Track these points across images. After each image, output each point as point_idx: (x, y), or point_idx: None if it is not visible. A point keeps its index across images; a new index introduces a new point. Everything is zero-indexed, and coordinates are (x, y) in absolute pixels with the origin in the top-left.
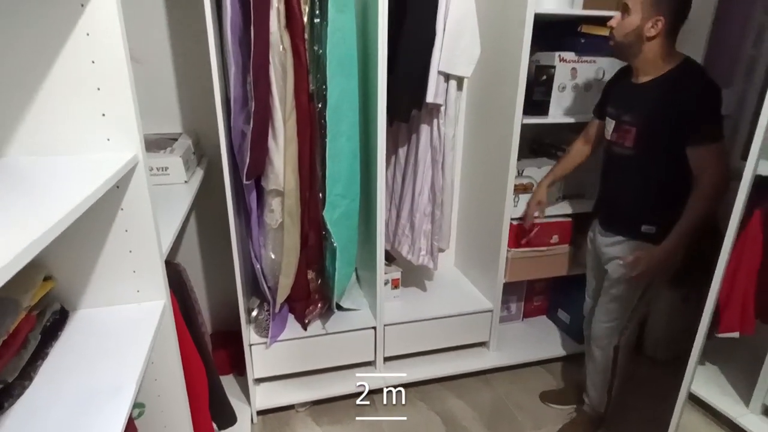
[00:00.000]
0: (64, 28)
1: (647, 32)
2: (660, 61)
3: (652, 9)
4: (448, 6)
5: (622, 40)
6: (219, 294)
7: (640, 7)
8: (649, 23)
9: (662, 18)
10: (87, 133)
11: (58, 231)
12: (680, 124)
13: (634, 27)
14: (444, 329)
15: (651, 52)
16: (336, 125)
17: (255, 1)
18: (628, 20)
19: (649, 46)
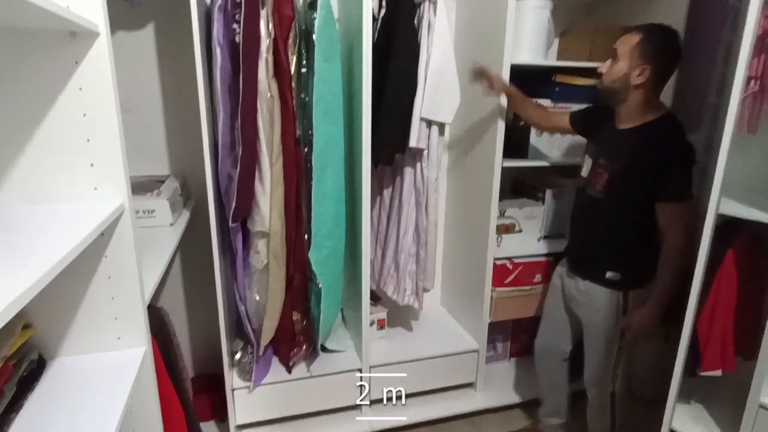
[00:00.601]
0: (58, 83)
1: (634, 80)
2: (643, 110)
3: (640, 58)
4: (429, 57)
5: (609, 85)
6: (202, 336)
7: (629, 55)
8: (637, 71)
9: (649, 67)
10: (75, 183)
11: (42, 285)
12: (651, 177)
13: (621, 74)
14: (430, 370)
15: (635, 101)
16: (322, 169)
17: (244, 52)
18: (617, 67)
19: (635, 94)
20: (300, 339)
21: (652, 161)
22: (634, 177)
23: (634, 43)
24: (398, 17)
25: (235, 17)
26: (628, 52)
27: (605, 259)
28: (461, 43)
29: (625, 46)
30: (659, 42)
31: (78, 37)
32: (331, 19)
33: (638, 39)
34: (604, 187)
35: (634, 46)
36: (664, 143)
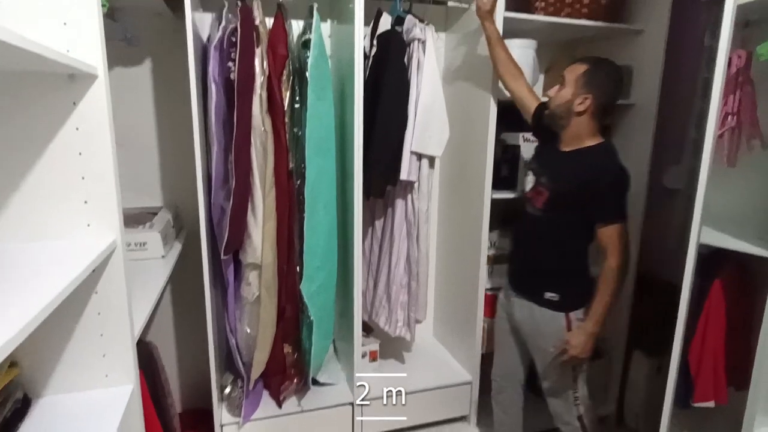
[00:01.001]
0: (55, 123)
1: (576, 107)
2: (583, 136)
3: (583, 87)
4: (419, 94)
5: (555, 109)
6: (191, 370)
7: (574, 83)
8: (579, 99)
9: (591, 97)
10: (69, 219)
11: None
12: (587, 199)
13: (565, 100)
14: (423, 403)
15: (577, 127)
16: (314, 201)
17: (239, 88)
18: (562, 93)
19: (577, 121)
20: (291, 372)
21: (589, 184)
22: (572, 198)
23: (580, 72)
24: (388, 56)
25: (231, 55)
26: (574, 80)
27: (544, 279)
28: (450, 80)
29: (572, 74)
30: (602, 74)
31: (77, 79)
32: (324, 57)
33: (584, 69)
34: (543, 205)
35: (579, 75)
36: (601, 168)
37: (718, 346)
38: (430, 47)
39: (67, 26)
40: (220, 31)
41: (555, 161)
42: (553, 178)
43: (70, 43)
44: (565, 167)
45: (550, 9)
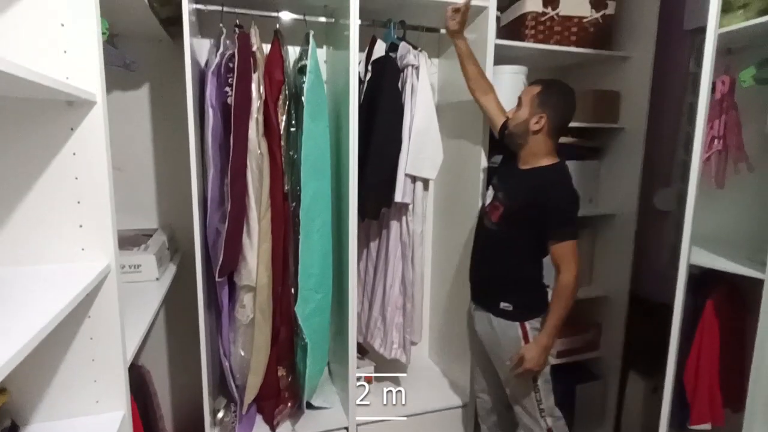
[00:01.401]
0: (52, 148)
1: (532, 127)
2: (540, 155)
3: (537, 107)
4: (413, 118)
5: (513, 129)
6: (184, 394)
7: (530, 103)
8: (534, 119)
9: (545, 116)
10: (63, 244)
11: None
12: (540, 216)
13: (522, 120)
14: (419, 427)
15: (534, 146)
16: (309, 223)
17: (236, 112)
18: (519, 113)
19: (534, 139)
20: (285, 395)
21: (540, 202)
22: (524, 214)
23: (535, 93)
24: (383, 80)
25: (228, 80)
26: (529, 101)
27: (499, 290)
28: (443, 105)
29: (527, 95)
30: (555, 95)
31: (75, 106)
32: (320, 82)
33: (538, 90)
34: (498, 219)
35: (534, 96)
36: (551, 188)
37: (713, 366)
38: (424, 72)
39: (68, 54)
40: (218, 57)
41: (512, 178)
42: (508, 195)
43: (70, 70)
44: (520, 184)
45: (540, 36)
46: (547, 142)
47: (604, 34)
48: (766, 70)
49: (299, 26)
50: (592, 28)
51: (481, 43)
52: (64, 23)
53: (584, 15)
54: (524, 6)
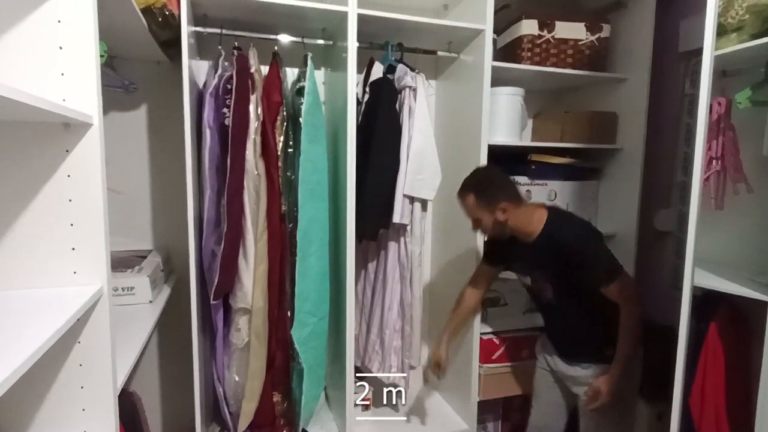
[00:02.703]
0: (47, 170)
1: (502, 219)
2: (531, 225)
3: (488, 206)
4: (410, 139)
5: (492, 234)
6: (176, 420)
7: (479, 211)
8: (496, 213)
9: (500, 204)
10: (54, 267)
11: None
12: (577, 272)
13: (491, 225)
14: None
15: (518, 225)
16: (306, 246)
17: (234, 134)
18: (483, 225)
19: (512, 222)
20: (280, 422)
21: (568, 260)
22: (569, 278)
23: (473, 202)
24: (380, 102)
25: (226, 102)
26: (477, 211)
27: (588, 345)
28: (441, 125)
29: (471, 209)
30: (486, 184)
31: (71, 128)
32: (318, 103)
33: (475, 198)
34: (553, 294)
35: (474, 204)
36: (566, 242)
37: (719, 391)
38: (421, 94)
39: (65, 76)
40: (216, 78)
41: (532, 255)
42: (544, 271)
43: (67, 92)
44: (542, 258)
45: (536, 59)
46: (522, 212)
47: (599, 57)
48: (761, 92)
49: (297, 49)
50: (588, 51)
51: (478, 65)
52: (62, 46)
53: (580, 38)
54: (520, 29)
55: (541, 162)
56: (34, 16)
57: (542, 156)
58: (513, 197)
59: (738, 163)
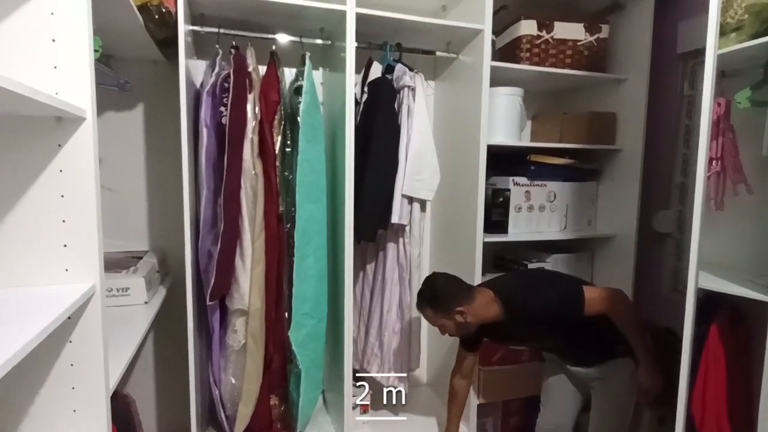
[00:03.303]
0: (38, 164)
1: (463, 320)
2: (490, 311)
3: (446, 314)
4: (409, 139)
5: (458, 335)
6: (171, 424)
7: (440, 320)
8: (457, 317)
9: (456, 308)
10: (45, 265)
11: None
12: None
13: (455, 330)
14: None
15: (480, 318)
16: (303, 247)
17: (230, 133)
18: (450, 330)
19: (473, 318)
20: (277, 426)
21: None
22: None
23: (432, 314)
24: (379, 102)
25: (223, 100)
26: (438, 320)
27: (598, 351)
28: (440, 125)
29: (432, 320)
30: (439, 295)
31: (64, 122)
32: (316, 103)
33: (431, 309)
34: (552, 342)
35: (433, 315)
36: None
37: (720, 394)
38: (420, 94)
39: (58, 69)
40: (213, 77)
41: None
42: (531, 334)
43: (60, 85)
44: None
45: (535, 59)
46: (478, 305)
47: (598, 57)
48: (761, 92)
49: (296, 48)
50: (587, 51)
51: (477, 66)
52: (55, 38)
53: (578, 38)
54: (519, 29)
55: (540, 162)
56: (27, 7)
57: (541, 156)
58: (465, 298)
59: (738, 163)
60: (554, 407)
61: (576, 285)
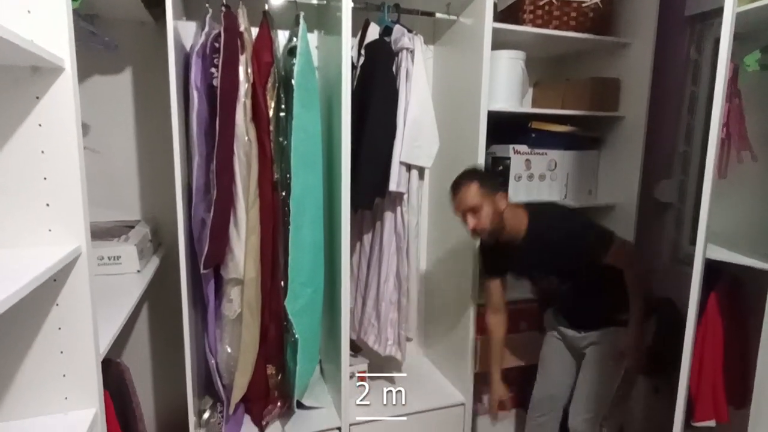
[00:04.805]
0: (15, 118)
1: (501, 206)
2: (518, 222)
3: (489, 193)
4: (407, 104)
5: (490, 230)
6: (168, 394)
7: (481, 198)
8: (500, 202)
9: (501, 191)
10: (27, 225)
11: None
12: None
13: (491, 213)
14: (416, 426)
15: (510, 217)
16: (299, 216)
17: (222, 96)
18: (483, 213)
19: (507, 213)
20: (274, 395)
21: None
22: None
23: (476, 189)
24: (377, 65)
25: (214, 61)
26: (479, 197)
27: (599, 314)
28: (439, 91)
29: (474, 196)
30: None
31: (41, 72)
32: (311, 65)
33: (477, 183)
34: (562, 282)
35: (477, 191)
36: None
37: (717, 363)
38: (419, 57)
39: (32, 14)
40: (203, 37)
41: (527, 256)
42: (545, 269)
43: (35, 32)
44: (537, 255)
45: (538, 21)
46: (512, 208)
47: (603, 20)
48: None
49: (289, 9)
50: (592, 14)
51: (478, 28)
52: None
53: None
54: None
55: (542, 130)
56: None
57: (543, 124)
58: (506, 192)
59: (743, 130)
60: (550, 378)
61: (607, 230)
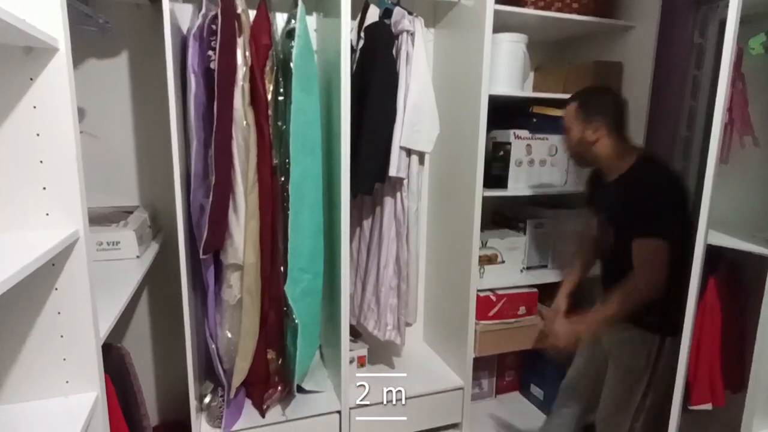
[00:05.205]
0: (9, 100)
1: (590, 138)
2: (616, 159)
3: (585, 119)
4: (408, 87)
5: (574, 152)
6: (169, 379)
7: (574, 120)
8: (589, 131)
9: (597, 123)
10: (24, 208)
11: None
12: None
13: (576, 139)
14: (414, 410)
15: (603, 154)
16: (298, 200)
17: (220, 79)
18: (571, 135)
19: (598, 148)
20: (275, 380)
21: (636, 205)
22: (631, 224)
23: (574, 110)
24: (376, 48)
25: (211, 44)
26: (573, 119)
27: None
28: (440, 74)
29: (569, 116)
30: (595, 99)
31: (35, 53)
32: (309, 48)
33: (576, 105)
34: (614, 238)
35: (575, 113)
36: (645, 187)
37: (715, 347)
38: (419, 39)
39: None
40: (200, 18)
41: (607, 195)
42: (611, 212)
43: (27, 10)
44: (615, 198)
45: (540, 3)
46: (614, 143)
47: (606, 3)
48: None
49: None
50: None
51: (480, 9)
52: None
53: None
54: None
55: (543, 115)
56: None
57: (544, 108)
58: (612, 125)
59: (746, 115)
60: (577, 369)
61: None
